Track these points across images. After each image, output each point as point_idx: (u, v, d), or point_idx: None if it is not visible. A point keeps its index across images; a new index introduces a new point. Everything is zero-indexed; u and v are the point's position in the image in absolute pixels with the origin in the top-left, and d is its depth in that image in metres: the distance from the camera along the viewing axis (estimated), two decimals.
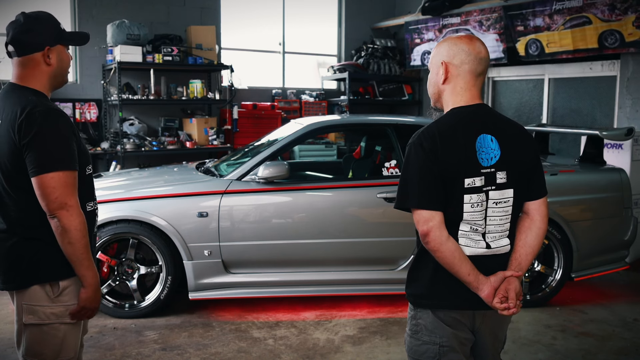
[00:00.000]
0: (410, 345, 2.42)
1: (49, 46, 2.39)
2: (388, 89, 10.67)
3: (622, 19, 7.16)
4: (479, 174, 2.25)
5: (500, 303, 2.25)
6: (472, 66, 2.31)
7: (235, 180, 5.01)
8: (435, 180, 2.22)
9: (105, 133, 8.52)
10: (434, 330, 2.35)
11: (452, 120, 2.31)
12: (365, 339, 4.63)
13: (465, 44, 2.31)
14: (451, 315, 2.34)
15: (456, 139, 2.26)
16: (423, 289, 2.38)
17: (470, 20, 9.10)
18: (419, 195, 2.24)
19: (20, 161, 2.29)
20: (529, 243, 2.34)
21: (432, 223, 2.23)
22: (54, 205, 2.26)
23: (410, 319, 2.44)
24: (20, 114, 2.27)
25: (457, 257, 2.23)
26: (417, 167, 2.24)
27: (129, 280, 4.97)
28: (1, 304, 5.20)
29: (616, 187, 5.49)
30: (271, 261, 5.02)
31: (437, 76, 2.37)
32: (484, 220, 2.29)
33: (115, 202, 4.89)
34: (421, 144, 2.25)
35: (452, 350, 2.34)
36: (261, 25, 10.09)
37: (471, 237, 2.29)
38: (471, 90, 2.33)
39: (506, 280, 2.29)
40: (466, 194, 2.25)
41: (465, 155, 2.24)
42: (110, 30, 8.04)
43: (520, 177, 2.33)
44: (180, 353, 4.32)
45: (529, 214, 2.38)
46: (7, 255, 2.39)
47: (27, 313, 2.38)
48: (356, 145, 6.68)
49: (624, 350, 4.50)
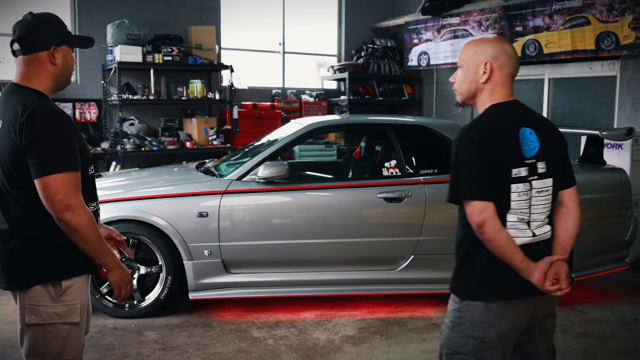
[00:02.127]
0: (449, 337, 2.50)
1: (55, 46, 2.40)
2: (388, 89, 10.67)
3: (619, 21, 7.18)
4: (523, 164, 2.39)
5: (551, 285, 2.35)
6: (511, 68, 2.46)
7: (235, 180, 5.01)
8: (486, 172, 2.33)
9: (105, 133, 8.52)
10: (478, 325, 2.42)
11: (495, 115, 2.44)
12: (365, 339, 4.63)
13: (506, 46, 2.47)
14: (506, 306, 2.42)
15: (502, 132, 2.40)
16: (475, 282, 2.46)
17: (469, 21, 9.11)
18: (472, 187, 2.34)
19: (22, 162, 2.29)
20: (569, 227, 2.48)
21: (487, 213, 2.32)
22: (59, 207, 2.27)
23: (454, 311, 2.50)
24: (22, 114, 2.27)
25: (512, 245, 2.34)
26: (468, 160, 2.34)
27: None
28: (1, 303, 5.20)
29: (616, 187, 5.49)
30: (271, 261, 5.02)
31: (476, 75, 2.46)
32: (529, 209, 2.42)
33: (115, 202, 4.90)
34: (471, 138, 2.35)
35: (491, 347, 2.42)
36: (261, 25, 10.09)
37: (518, 227, 2.41)
38: (508, 89, 2.47)
39: (554, 264, 2.39)
40: (513, 183, 2.37)
41: (511, 147, 2.38)
42: (110, 30, 8.04)
43: (556, 167, 2.48)
44: (180, 353, 4.32)
45: (564, 202, 2.52)
46: (9, 255, 2.39)
47: (30, 313, 2.39)
48: (356, 145, 6.68)
49: (624, 350, 4.50)
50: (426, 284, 5.17)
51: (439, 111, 10.46)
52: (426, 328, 4.83)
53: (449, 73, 10.16)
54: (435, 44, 9.75)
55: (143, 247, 4.97)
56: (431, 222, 5.06)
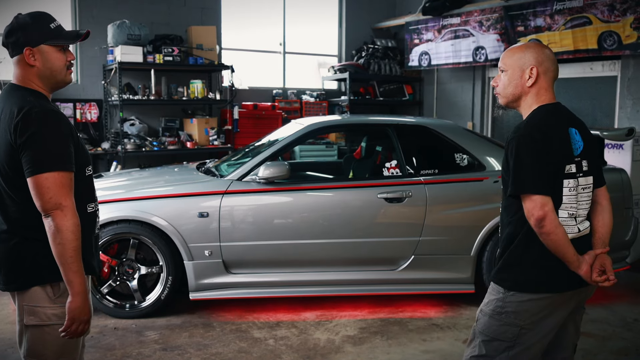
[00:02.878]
0: (488, 325, 2.60)
1: (30, 47, 2.36)
2: (389, 89, 10.67)
3: (621, 20, 7.17)
4: (573, 161, 2.52)
5: (599, 276, 2.47)
6: (554, 73, 2.61)
7: (236, 180, 5.01)
8: (547, 168, 2.45)
9: (105, 133, 8.52)
10: (522, 314, 2.54)
11: (546, 114, 2.56)
12: (365, 339, 4.62)
13: (549, 52, 2.60)
14: (553, 298, 2.53)
15: (557, 130, 2.52)
16: (523, 274, 2.55)
17: (470, 21, 9.11)
18: (535, 181, 2.43)
19: (18, 162, 2.28)
20: (606, 223, 2.62)
21: (548, 207, 2.41)
22: (48, 205, 2.24)
23: (496, 301, 2.60)
24: (17, 114, 2.26)
25: (567, 239, 2.45)
26: (531, 156, 2.44)
27: (129, 281, 4.97)
28: (1, 304, 5.20)
29: (617, 187, 5.47)
30: (272, 261, 5.02)
31: (522, 79, 2.58)
32: (577, 204, 2.54)
33: (115, 202, 4.89)
34: (531, 135, 2.46)
35: (530, 333, 2.54)
36: (262, 26, 10.09)
37: (568, 224, 2.51)
38: (551, 92, 2.62)
39: (599, 257, 2.52)
40: (565, 179, 2.49)
41: (565, 144, 2.51)
42: (111, 30, 8.04)
43: (595, 166, 2.62)
44: (181, 353, 4.32)
45: (598, 200, 2.65)
46: (8, 256, 2.38)
47: (28, 314, 2.38)
48: (357, 145, 6.68)
49: (624, 351, 4.50)
50: (427, 284, 5.16)
51: (439, 111, 10.45)
52: (427, 328, 4.82)
53: (450, 73, 10.17)
54: (436, 44, 9.74)
55: (144, 247, 4.97)
56: (432, 222, 5.05)
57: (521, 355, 2.56)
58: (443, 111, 10.36)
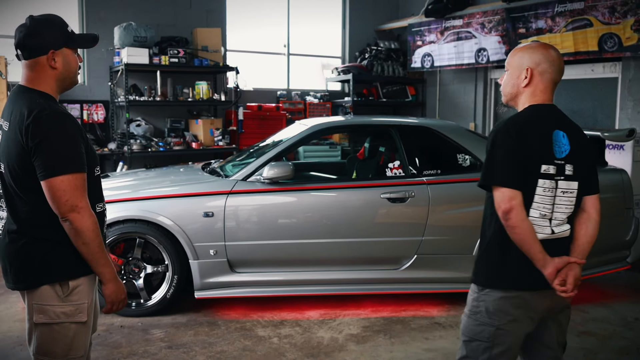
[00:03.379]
0: (467, 325, 2.62)
1: (54, 50, 2.37)
2: (392, 91, 10.66)
3: (622, 22, 7.17)
4: (553, 163, 2.49)
5: (559, 285, 2.45)
6: (553, 75, 2.56)
7: (241, 180, 5.01)
8: (519, 163, 2.45)
9: (112, 134, 8.54)
10: (495, 313, 2.54)
11: (533, 113, 2.55)
12: (368, 337, 4.63)
13: (549, 53, 2.55)
14: (523, 296, 2.53)
15: (537, 129, 2.50)
16: (494, 272, 2.58)
17: (472, 23, 9.10)
18: (505, 174, 2.45)
19: (28, 163, 2.29)
20: (589, 233, 2.57)
21: (515, 201, 2.42)
22: (65, 208, 2.27)
23: (472, 300, 2.63)
24: (28, 116, 2.26)
25: (533, 236, 2.45)
26: (504, 150, 2.46)
27: (135, 279, 4.98)
28: (10, 302, 5.22)
29: (617, 188, 5.47)
30: (276, 261, 5.03)
31: (519, 79, 2.58)
32: (552, 206, 2.51)
33: (122, 202, 4.90)
34: (508, 131, 2.47)
35: (507, 334, 2.53)
36: (266, 28, 10.11)
37: (538, 224, 2.49)
38: (547, 94, 2.58)
39: (568, 266, 2.49)
40: (540, 178, 2.48)
41: (544, 145, 2.49)
42: (118, 32, 8.06)
43: (582, 172, 2.56)
44: (186, 351, 4.33)
45: (586, 208, 2.61)
46: (17, 255, 2.39)
47: (38, 312, 2.39)
48: (360, 146, 6.68)
49: (625, 350, 4.49)
50: (429, 283, 5.16)
51: (442, 112, 10.45)
52: (429, 327, 4.82)
53: (452, 74, 10.16)
54: (439, 46, 9.74)
55: (150, 247, 4.98)
56: (434, 222, 5.05)
57: (502, 357, 2.55)
58: (445, 112, 10.35)
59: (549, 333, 2.67)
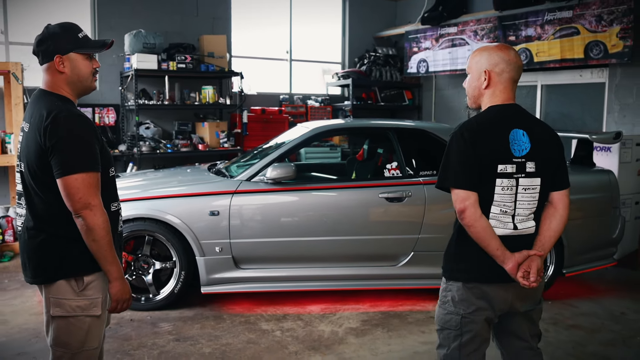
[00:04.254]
0: (438, 314, 2.67)
1: (60, 54, 2.40)
2: (389, 95, 10.66)
3: (607, 30, 7.16)
4: (511, 162, 2.45)
5: (522, 278, 2.44)
6: (511, 74, 2.52)
7: (245, 180, 5.02)
8: (472, 165, 2.42)
9: (122, 136, 8.54)
10: (460, 303, 2.56)
11: (489, 115, 2.52)
12: (367, 331, 4.63)
13: (505, 54, 2.51)
14: (482, 288, 2.53)
15: (492, 130, 2.47)
16: (457, 264, 2.60)
17: (466, 30, 9.10)
18: (458, 177, 2.45)
19: (46, 162, 2.31)
20: (552, 228, 2.53)
21: (469, 202, 2.42)
22: (79, 205, 2.29)
23: (442, 291, 2.67)
24: (46, 118, 2.30)
25: (488, 233, 2.43)
26: (458, 153, 2.45)
27: (144, 275, 4.99)
28: (26, 296, 5.22)
29: (605, 188, 5.47)
30: (279, 257, 5.03)
31: (479, 81, 2.56)
32: (514, 203, 2.48)
33: (132, 201, 4.91)
34: (462, 134, 2.46)
35: (473, 322, 2.54)
36: (269, 35, 10.10)
37: (500, 219, 2.48)
38: (507, 93, 2.53)
39: (529, 258, 2.47)
40: (498, 178, 2.45)
41: (500, 145, 2.45)
42: (128, 39, 8.06)
43: (546, 169, 2.51)
44: (193, 344, 4.33)
45: (553, 203, 2.57)
46: (35, 251, 2.41)
47: (54, 306, 2.40)
48: (359, 147, 6.68)
49: (612, 342, 4.49)
50: (425, 279, 5.16)
51: (437, 115, 10.44)
52: (425, 321, 4.82)
53: (447, 80, 10.16)
54: (434, 52, 9.74)
55: (158, 244, 4.99)
56: (430, 220, 5.05)
57: (470, 344, 2.55)
58: (441, 115, 10.35)
59: (520, 326, 2.67)
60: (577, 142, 6.09)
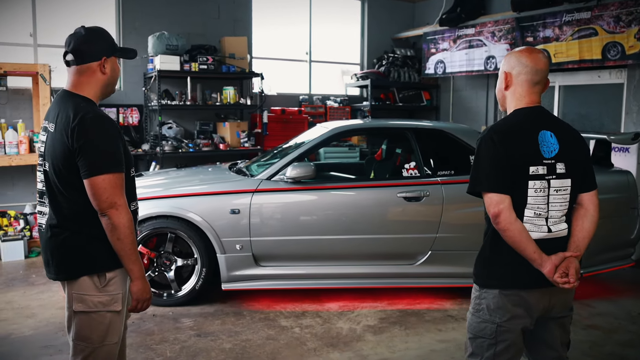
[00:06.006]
0: (471, 322, 2.57)
1: (106, 56, 2.45)
2: (407, 95, 10.62)
3: (626, 31, 7.06)
4: (541, 163, 2.42)
5: (560, 278, 2.37)
6: (528, 76, 2.48)
7: (265, 179, 5.02)
8: (504, 168, 2.38)
9: (145, 136, 8.59)
10: (496, 311, 2.48)
11: (516, 118, 2.49)
12: (385, 329, 4.61)
13: (524, 57, 2.49)
14: (520, 294, 2.46)
15: (521, 132, 2.44)
16: (492, 271, 2.51)
17: (483, 31, 9.03)
18: (491, 180, 2.39)
19: (72, 163, 2.33)
20: (585, 228, 2.50)
21: (503, 205, 2.37)
22: (105, 205, 2.31)
23: (474, 298, 2.57)
24: (74, 119, 2.31)
25: (525, 236, 2.37)
26: (488, 157, 2.41)
27: (167, 272, 5.01)
28: (53, 291, 5.28)
29: (623, 188, 5.40)
30: (298, 255, 5.03)
31: (501, 83, 2.57)
32: (547, 205, 2.43)
33: (154, 200, 4.93)
34: (492, 138, 2.42)
35: (508, 331, 2.47)
36: (289, 36, 10.10)
37: (535, 222, 2.43)
38: (530, 95, 2.50)
39: (566, 260, 2.42)
40: (530, 180, 2.40)
41: (530, 147, 2.42)
42: (151, 41, 8.11)
43: (575, 170, 2.48)
44: (214, 339, 4.34)
45: (583, 204, 2.53)
46: (59, 248, 2.42)
47: (77, 301, 2.42)
48: (378, 147, 6.66)
49: (629, 343, 4.43)
50: (443, 278, 5.13)
51: (455, 116, 10.38)
52: (442, 319, 4.79)
53: (464, 80, 10.09)
54: (451, 54, 9.67)
55: (180, 241, 5.01)
56: (448, 220, 5.02)
57: (504, 354, 2.48)
58: (458, 116, 10.28)
59: (551, 334, 2.59)
60: (595, 142, 6.01)
